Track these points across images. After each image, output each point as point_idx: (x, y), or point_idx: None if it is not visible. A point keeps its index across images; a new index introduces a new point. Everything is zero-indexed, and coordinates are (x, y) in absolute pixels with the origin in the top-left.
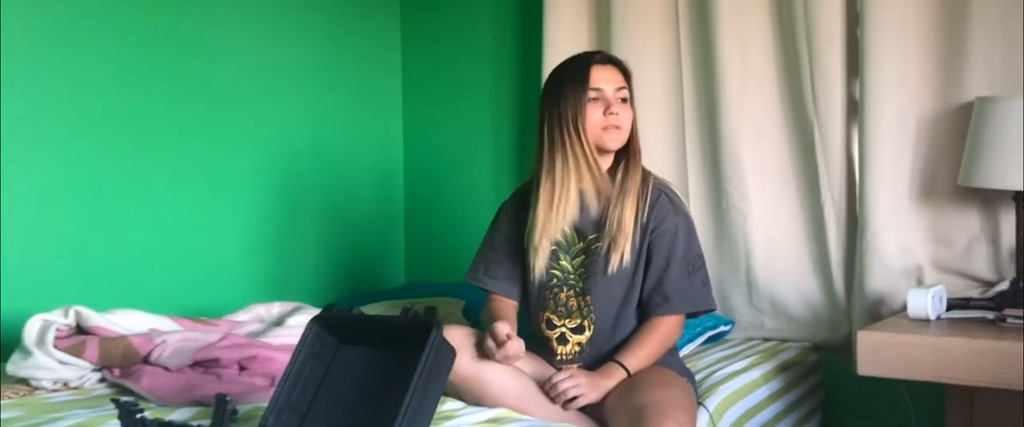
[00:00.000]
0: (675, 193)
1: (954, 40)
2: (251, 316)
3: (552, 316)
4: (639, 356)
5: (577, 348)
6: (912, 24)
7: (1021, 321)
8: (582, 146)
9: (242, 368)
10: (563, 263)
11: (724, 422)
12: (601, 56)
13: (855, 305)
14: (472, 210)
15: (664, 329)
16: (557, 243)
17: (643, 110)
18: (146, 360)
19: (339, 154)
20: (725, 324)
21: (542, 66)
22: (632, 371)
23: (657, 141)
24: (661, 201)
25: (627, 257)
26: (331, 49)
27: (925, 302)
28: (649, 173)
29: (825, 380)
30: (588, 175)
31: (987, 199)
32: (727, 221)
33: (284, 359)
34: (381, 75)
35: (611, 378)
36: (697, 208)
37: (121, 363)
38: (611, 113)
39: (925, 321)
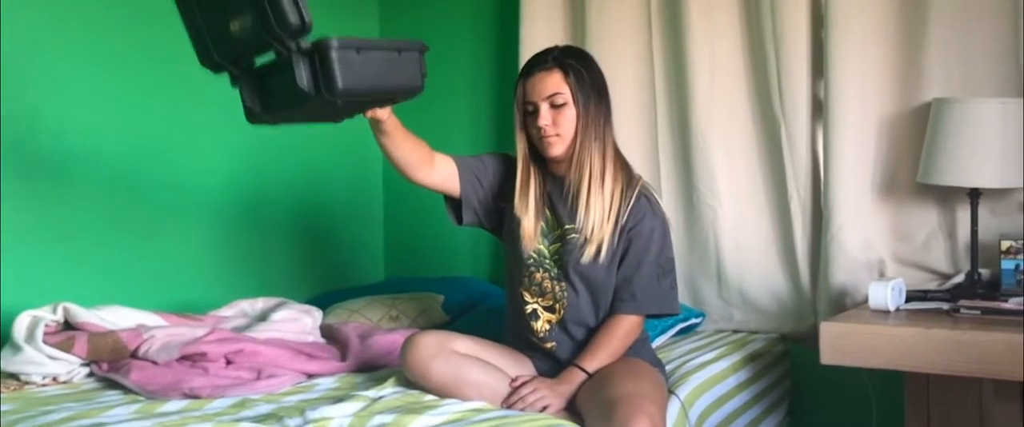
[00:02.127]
0: (656, 197)
1: (913, 44)
2: (235, 311)
3: (526, 293)
4: (599, 357)
5: (547, 325)
6: (874, 28)
7: (974, 312)
8: (526, 154)
9: (228, 362)
10: (541, 246)
11: (694, 410)
12: (535, 62)
13: (820, 297)
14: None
15: (625, 328)
16: (537, 221)
17: (617, 108)
18: (134, 354)
19: (317, 151)
20: (696, 316)
21: (518, 64)
22: (591, 373)
23: (630, 139)
24: (641, 203)
25: (603, 254)
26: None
27: (885, 294)
28: (638, 177)
29: (792, 369)
30: (542, 176)
31: (944, 195)
32: (698, 217)
33: (270, 353)
34: None
35: (571, 384)
36: (669, 205)
37: (110, 357)
38: (542, 126)
39: (885, 312)
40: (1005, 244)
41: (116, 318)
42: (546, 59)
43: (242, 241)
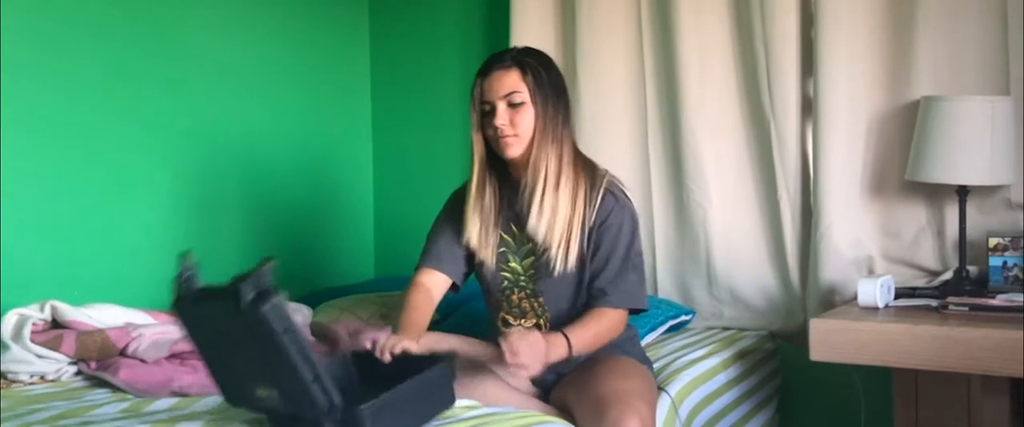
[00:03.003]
0: (622, 191)
1: (902, 43)
2: None
3: (507, 316)
4: (583, 337)
5: None
6: (863, 26)
7: (962, 308)
8: (482, 157)
9: None
10: (513, 265)
11: (684, 408)
12: (492, 61)
13: (809, 294)
14: (441, 203)
15: (607, 319)
16: (506, 244)
17: (607, 107)
18: (123, 353)
19: (307, 149)
20: (686, 314)
21: None
22: (574, 346)
23: (620, 138)
24: (607, 200)
25: (572, 259)
26: (299, 44)
27: (874, 291)
28: (601, 175)
29: (781, 366)
30: (499, 185)
31: (933, 193)
32: (688, 215)
33: None
34: (349, 70)
35: (554, 349)
36: (660, 203)
37: (98, 356)
38: (499, 126)
39: (874, 309)
40: (993, 241)
41: (104, 316)
42: (504, 58)
43: (232, 239)
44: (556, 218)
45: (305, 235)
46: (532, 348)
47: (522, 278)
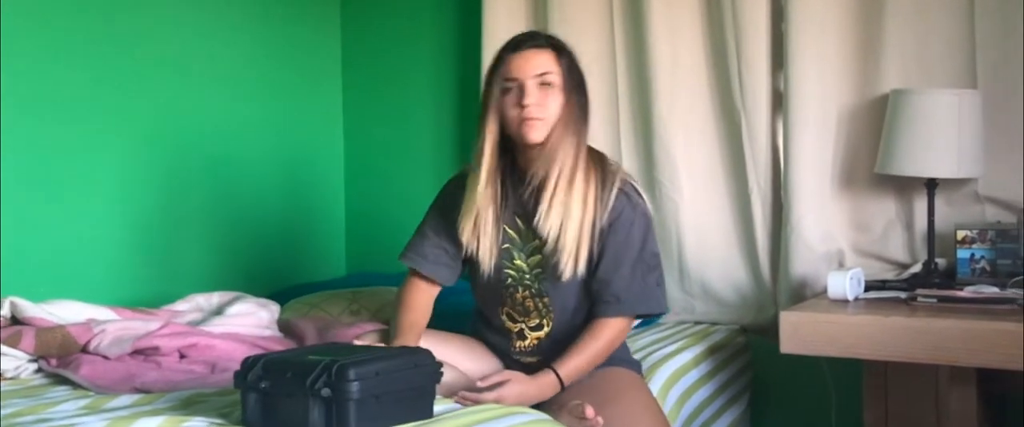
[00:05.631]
0: (635, 188)
1: (872, 36)
2: (191, 306)
3: (510, 313)
4: (577, 364)
5: (535, 342)
6: (833, 20)
7: (931, 300)
8: (495, 140)
9: (182, 356)
10: (517, 262)
11: (666, 405)
12: (524, 39)
13: (780, 288)
14: (414, 199)
15: (609, 334)
16: (510, 239)
17: None
18: (85, 349)
19: (277, 144)
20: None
21: (481, 57)
22: (566, 382)
23: (592, 132)
24: (619, 199)
25: (582, 263)
26: (268, 36)
27: (844, 284)
28: (613, 172)
29: (753, 360)
30: (503, 172)
31: (902, 186)
32: (659, 210)
33: (224, 347)
34: (320, 63)
35: (542, 391)
36: None
37: (58, 353)
38: (522, 104)
39: (844, 302)
40: (961, 234)
41: (66, 312)
42: (537, 37)
43: (200, 235)
44: (569, 221)
45: (275, 231)
46: (518, 399)
47: (527, 276)
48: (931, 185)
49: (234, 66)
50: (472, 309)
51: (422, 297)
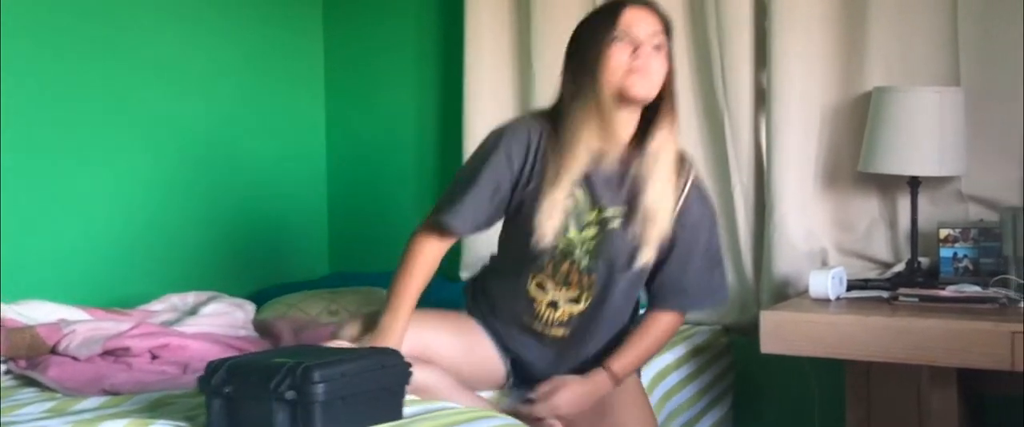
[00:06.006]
0: (702, 182)
1: (855, 34)
2: (166, 306)
3: (547, 280)
4: (631, 360)
5: (567, 316)
6: (817, 18)
7: (912, 299)
8: (599, 93)
9: (154, 356)
10: (571, 234)
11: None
12: (632, 1)
13: (763, 287)
14: (397, 199)
15: (664, 328)
16: (568, 209)
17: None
18: (54, 350)
19: (258, 141)
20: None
21: (463, 56)
22: (619, 378)
23: None
24: (692, 192)
25: (653, 254)
26: (251, 39)
27: (826, 283)
28: (689, 164)
29: (736, 361)
30: (601, 129)
31: (885, 184)
32: None
33: (197, 347)
34: (302, 64)
35: (597, 389)
36: None
37: (27, 354)
38: (638, 55)
39: (826, 301)
40: (943, 232)
41: (36, 313)
42: (647, 3)
43: (180, 234)
44: (665, 202)
45: (257, 231)
46: (574, 403)
47: (577, 250)
48: (914, 183)
49: (216, 68)
50: (472, 279)
51: (437, 255)
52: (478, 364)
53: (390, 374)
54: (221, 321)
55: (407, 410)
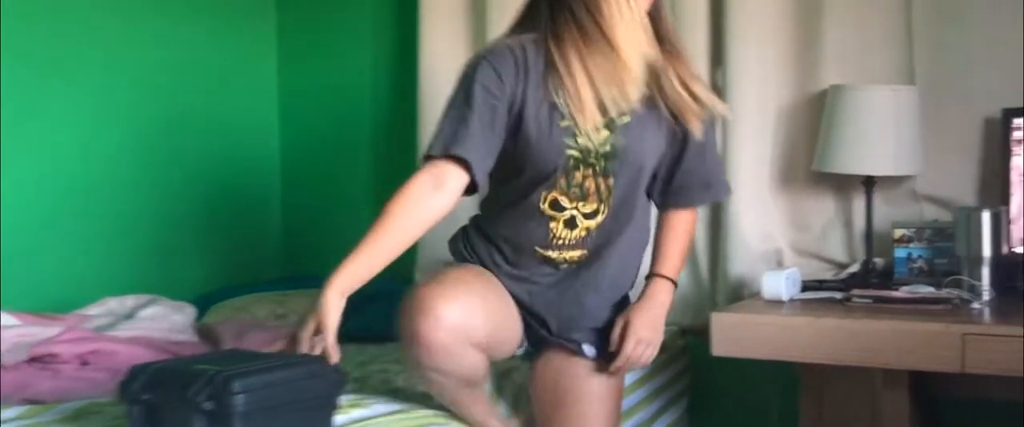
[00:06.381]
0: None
1: (810, 31)
2: (103, 310)
3: (561, 197)
4: (678, 263)
5: (585, 233)
6: (771, 16)
7: (866, 300)
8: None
9: (84, 363)
10: (581, 140)
11: None
12: None
13: (719, 289)
14: (353, 198)
15: (690, 226)
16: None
17: None
18: None
19: (204, 135)
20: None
21: (418, 53)
22: (676, 280)
23: None
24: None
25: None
26: (201, 30)
27: (779, 284)
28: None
29: (692, 363)
30: (644, 36)
31: (840, 184)
32: None
33: (129, 352)
34: (255, 58)
35: (664, 303)
36: None
37: None
38: None
39: (779, 302)
40: (898, 232)
41: None
42: None
43: (123, 235)
44: (687, 82)
45: (204, 230)
46: (652, 327)
47: (592, 155)
48: (869, 183)
49: (165, 59)
50: (463, 238)
51: (434, 208)
52: (510, 328)
53: (320, 384)
54: (159, 325)
55: (338, 419)
